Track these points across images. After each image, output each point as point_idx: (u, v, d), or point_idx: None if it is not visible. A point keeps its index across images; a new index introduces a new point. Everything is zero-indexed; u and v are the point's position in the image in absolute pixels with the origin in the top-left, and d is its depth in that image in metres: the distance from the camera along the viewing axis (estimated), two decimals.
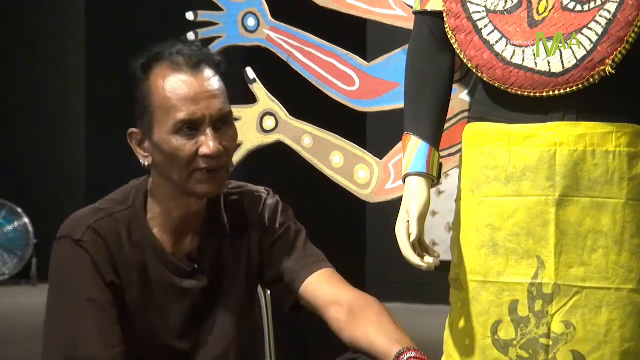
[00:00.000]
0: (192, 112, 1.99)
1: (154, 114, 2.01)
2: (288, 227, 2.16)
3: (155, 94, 2.01)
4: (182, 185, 2.03)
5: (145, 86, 2.02)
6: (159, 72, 2.02)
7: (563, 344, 2.11)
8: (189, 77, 2.00)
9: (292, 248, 2.15)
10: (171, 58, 2.02)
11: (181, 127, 1.99)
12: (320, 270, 2.12)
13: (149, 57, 2.04)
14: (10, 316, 7.14)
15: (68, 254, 2.03)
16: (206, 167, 2.00)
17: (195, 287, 2.10)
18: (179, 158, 2.00)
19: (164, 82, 2.00)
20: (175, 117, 1.99)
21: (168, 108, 1.99)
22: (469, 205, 2.21)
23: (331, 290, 2.09)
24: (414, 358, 1.91)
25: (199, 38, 2.70)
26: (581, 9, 2.08)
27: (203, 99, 2.00)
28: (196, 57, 2.02)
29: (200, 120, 1.99)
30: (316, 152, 2.65)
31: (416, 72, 2.26)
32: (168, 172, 2.03)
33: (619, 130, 2.11)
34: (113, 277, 2.03)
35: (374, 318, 2.02)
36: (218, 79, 2.04)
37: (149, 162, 2.05)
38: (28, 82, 9.01)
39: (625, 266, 2.11)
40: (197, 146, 2.00)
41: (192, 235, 2.11)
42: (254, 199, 2.18)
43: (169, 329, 2.07)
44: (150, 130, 2.02)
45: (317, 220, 3.87)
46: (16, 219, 8.84)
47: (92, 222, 2.04)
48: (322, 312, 2.08)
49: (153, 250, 2.07)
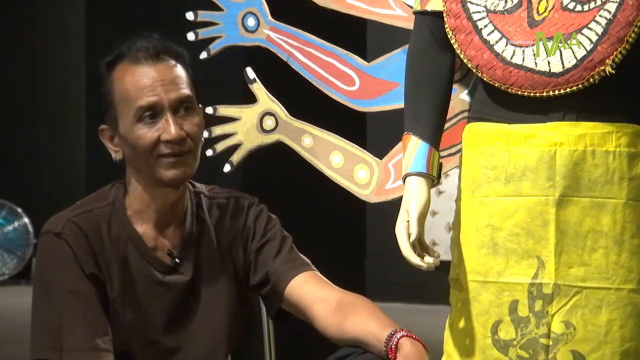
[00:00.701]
0: (149, 99, 2.05)
1: (117, 107, 2.07)
2: (275, 233, 2.19)
3: (116, 88, 2.08)
4: (151, 174, 2.07)
5: (109, 82, 2.09)
6: (120, 67, 2.09)
7: (563, 344, 2.11)
8: (147, 68, 2.07)
9: (277, 253, 2.16)
10: (131, 54, 2.09)
11: (141, 115, 2.05)
12: (305, 272, 2.13)
13: (112, 56, 2.11)
14: (10, 316, 7.14)
15: (48, 248, 2.06)
16: (169, 152, 2.05)
17: (177, 281, 2.11)
18: (142, 146, 2.05)
19: (124, 75, 2.07)
20: (135, 105, 2.05)
21: (128, 99, 2.06)
22: (469, 205, 2.21)
23: (317, 290, 2.10)
24: (407, 336, 1.93)
25: (199, 38, 2.70)
26: (581, 9, 2.08)
27: (160, 86, 2.06)
28: (154, 49, 2.09)
29: (159, 106, 2.05)
30: (316, 152, 2.65)
31: (416, 72, 2.26)
32: (137, 164, 2.08)
33: (619, 130, 2.11)
34: (94, 269, 2.05)
35: (364, 309, 2.04)
36: (180, 68, 2.10)
37: (120, 157, 2.11)
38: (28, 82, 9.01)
39: (625, 266, 2.11)
40: (158, 133, 2.05)
41: (173, 230, 2.13)
42: (239, 204, 2.21)
43: (153, 325, 2.08)
44: (116, 124, 2.08)
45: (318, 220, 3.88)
46: (16, 219, 8.85)
47: (71, 216, 2.08)
48: (308, 310, 2.09)
49: (134, 246, 2.09)
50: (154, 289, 2.09)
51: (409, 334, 1.94)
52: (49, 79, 8.92)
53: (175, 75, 2.08)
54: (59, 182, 8.78)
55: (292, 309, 2.13)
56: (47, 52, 8.94)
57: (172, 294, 2.10)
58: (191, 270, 2.12)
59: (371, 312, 2.02)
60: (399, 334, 1.94)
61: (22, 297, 8.08)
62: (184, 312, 2.11)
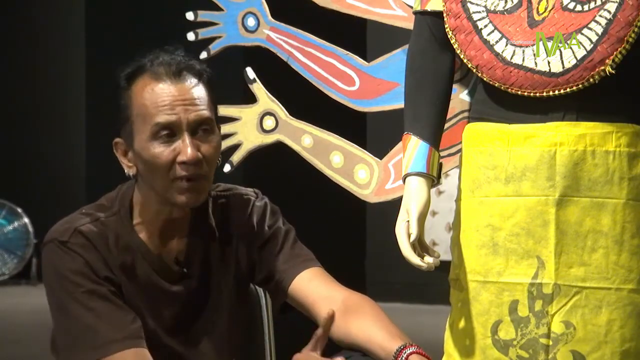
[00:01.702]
0: (168, 117, 1.99)
1: (134, 122, 2.02)
2: (277, 229, 2.16)
3: (134, 103, 2.02)
4: (163, 195, 2.02)
5: (127, 96, 2.03)
6: (140, 82, 2.03)
7: (563, 344, 2.11)
8: (167, 86, 2.01)
9: (281, 248, 2.14)
10: (152, 68, 2.03)
11: (158, 132, 1.99)
12: (309, 268, 2.12)
13: (132, 68, 2.05)
14: (10, 316, 7.14)
15: (56, 256, 2.02)
16: (185, 176, 1.99)
17: (184, 291, 2.09)
18: (158, 165, 2.00)
19: (144, 91, 2.01)
20: (152, 122, 1.99)
21: (145, 115, 2.00)
22: (469, 205, 2.21)
23: (323, 288, 2.09)
24: (417, 353, 1.91)
25: (199, 38, 2.70)
26: (581, 9, 2.08)
27: (179, 105, 2.00)
28: (177, 66, 2.03)
29: (177, 125, 1.99)
30: (316, 152, 2.65)
31: (416, 72, 2.26)
32: (150, 181, 2.03)
33: (619, 130, 2.11)
34: (107, 273, 2.02)
35: (370, 313, 2.02)
36: (201, 88, 2.04)
37: (133, 172, 2.05)
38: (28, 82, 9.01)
39: (625, 266, 2.11)
40: (174, 153, 1.99)
41: (179, 238, 2.10)
42: (242, 201, 2.18)
43: (160, 330, 2.06)
44: (132, 139, 2.03)
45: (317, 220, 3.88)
46: (16, 219, 8.85)
47: (78, 226, 2.04)
48: (312, 309, 2.08)
49: (141, 255, 2.06)
50: (162, 297, 2.08)
51: (419, 350, 1.92)
52: (49, 79, 8.92)
53: (196, 95, 2.02)
54: (59, 182, 8.77)
55: (296, 305, 2.13)
56: (47, 52, 8.94)
57: (179, 302, 2.09)
58: (198, 277, 2.11)
59: (377, 318, 2.00)
60: (408, 349, 1.91)
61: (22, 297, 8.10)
62: (190, 317, 2.10)
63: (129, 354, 1.96)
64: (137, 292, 2.05)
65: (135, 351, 1.97)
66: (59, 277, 2.01)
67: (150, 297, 2.06)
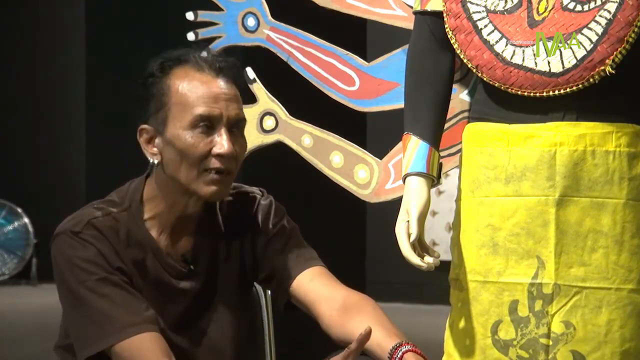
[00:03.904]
0: (211, 109, 2.01)
1: (171, 109, 2.02)
2: (282, 227, 2.17)
3: (174, 91, 2.03)
4: (188, 185, 2.03)
5: (164, 83, 2.04)
6: (181, 71, 2.05)
7: (563, 344, 2.11)
8: (210, 79, 2.04)
9: (284, 247, 2.15)
10: (195, 60, 2.06)
11: (198, 123, 2.01)
12: (312, 267, 2.13)
13: (171, 58, 2.07)
14: (10, 316, 7.13)
15: (68, 246, 2.03)
16: (217, 168, 2.01)
17: (191, 287, 2.10)
18: (192, 154, 2.01)
19: (185, 80, 2.03)
20: (193, 112, 2.01)
21: (186, 104, 2.02)
22: (469, 205, 2.21)
23: (324, 287, 2.09)
24: (412, 351, 1.92)
25: (199, 38, 2.70)
26: (581, 9, 2.08)
27: (222, 100, 2.03)
28: (219, 63, 2.06)
29: (218, 118, 2.02)
30: (316, 152, 2.65)
31: (416, 72, 2.26)
32: (176, 170, 2.04)
33: (619, 130, 2.11)
34: (120, 264, 2.03)
35: (369, 312, 2.03)
36: (236, 88, 2.07)
37: (158, 160, 2.06)
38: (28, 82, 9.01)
39: (625, 266, 2.11)
40: (211, 145, 2.02)
41: (187, 236, 2.11)
42: (248, 199, 2.19)
43: (165, 326, 2.07)
44: (164, 126, 2.03)
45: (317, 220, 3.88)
46: (16, 219, 8.84)
47: (91, 218, 2.05)
48: (313, 308, 2.08)
49: (151, 251, 2.07)
50: (169, 293, 2.09)
51: (415, 349, 1.93)
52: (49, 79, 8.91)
53: (235, 93, 2.06)
54: (59, 182, 8.77)
55: (298, 303, 2.13)
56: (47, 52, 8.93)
57: (186, 298, 2.10)
58: (204, 275, 2.12)
59: (376, 317, 2.01)
60: (404, 347, 1.92)
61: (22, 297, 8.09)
62: (195, 314, 2.11)
63: (147, 337, 1.97)
64: (145, 287, 2.06)
65: (153, 335, 1.98)
66: (71, 265, 2.02)
67: (157, 293, 2.07)
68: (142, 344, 1.96)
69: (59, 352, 2.12)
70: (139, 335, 1.96)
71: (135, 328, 1.97)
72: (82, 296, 2.00)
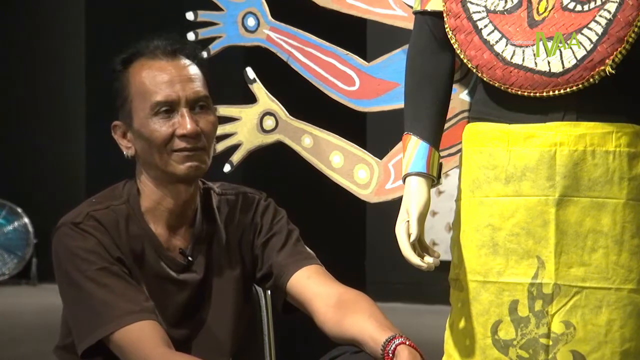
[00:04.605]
0: (167, 94, 2.06)
1: (133, 102, 2.08)
2: (281, 227, 2.19)
3: (132, 83, 2.09)
4: (164, 169, 2.07)
5: (124, 77, 2.10)
6: (137, 63, 2.10)
7: (563, 344, 2.11)
8: (164, 64, 2.09)
9: (282, 246, 2.17)
10: (148, 50, 2.11)
11: (158, 109, 2.06)
12: (308, 266, 2.14)
13: (129, 53, 2.12)
14: (10, 316, 7.14)
15: (69, 237, 2.05)
16: (184, 147, 2.05)
17: (190, 280, 2.12)
18: (157, 140, 2.05)
19: (141, 70, 2.09)
20: (151, 99, 2.06)
21: (144, 93, 2.07)
22: (469, 205, 2.21)
23: (320, 285, 2.11)
24: (405, 344, 1.92)
25: (199, 38, 2.70)
26: (581, 9, 2.08)
27: (178, 82, 2.07)
28: (172, 46, 2.11)
29: (175, 101, 2.06)
30: (316, 152, 2.65)
31: (416, 72, 2.26)
32: (149, 159, 2.08)
33: (619, 130, 2.11)
34: (119, 255, 2.05)
35: (364, 308, 2.04)
36: (195, 67, 2.11)
37: (132, 153, 2.11)
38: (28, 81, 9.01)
39: (625, 266, 2.11)
40: (173, 128, 2.06)
41: (184, 228, 2.14)
42: (248, 199, 2.22)
43: (165, 319, 2.08)
44: (131, 119, 2.09)
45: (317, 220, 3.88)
46: (16, 219, 8.85)
47: (90, 210, 2.08)
48: (309, 305, 2.09)
49: (150, 244, 2.10)
50: (168, 286, 2.10)
51: (408, 341, 1.93)
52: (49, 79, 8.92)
53: (192, 73, 2.09)
54: (59, 182, 8.78)
55: (294, 302, 2.14)
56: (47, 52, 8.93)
57: (184, 291, 2.12)
58: (203, 268, 2.14)
59: (371, 312, 2.02)
60: (397, 340, 1.93)
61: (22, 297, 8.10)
62: (194, 307, 2.13)
63: (147, 325, 1.98)
64: (144, 279, 2.08)
65: (152, 323, 1.99)
66: (71, 256, 2.03)
67: (157, 285, 2.09)
68: (142, 331, 1.97)
69: (59, 354, 2.13)
70: (138, 322, 1.98)
71: (134, 316, 1.98)
72: (82, 285, 2.01)
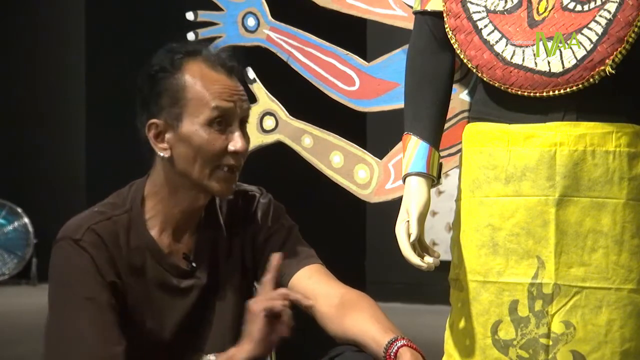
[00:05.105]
0: (229, 107, 2.04)
1: (186, 105, 2.03)
2: (280, 225, 2.19)
3: (190, 86, 2.04)
4: (200, 181, 2.05)
5: (178, 78, 2.05)
6: (195, 66, 2.06)
7: (563, 344, 2.11)
8: (224, 77, 2.06)
9: (282, 245, 2.16)
10: (207, 56, 2.07)
11: (214, 120, 2.03)
12: (309, 265, 2.14)
13: (182, 52, 2.07)
14: (10, 316, 7.13)
15: (67, 254, 2.03)
16: (231, 165, 2.05)
17: (193, 286, 2.11)
18: (209, 151, 2.03)
19: (201, 76, 2.05)
20: (210, 106, 2.03)
21: (203, 100, 2.03)
22: (469, 205, 2.21)
23: (321, 284, 2.11)
24: (407, 346, 1.92)
25: (199, 38, 2.70)
26: (581, 9, 2.08)
27: (236, 98, 2.06)
28: (230, 62, 2.09)
29: (232, 115, 2.05)
30: (316, 152, 2.65)
31: (416, 72, 2.26)
32: (189, 166, 2.05)
33: (619, 130, 2.11)
34: (114, 278, 2.03)
35: (366, 308, 2.04)
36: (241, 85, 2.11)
37: (167, 155, 2.06)
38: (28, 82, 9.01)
39: (625, 266, 2.11)
40: (226, 142, 2.04)
41: (188, 234, 2.12)
42: (248, 198, 2.21)
43: (168, 327, 2.08)
44: (179, 121, 2.04)
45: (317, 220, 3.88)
46: (16, 219, 8.84)
47: (91, 224, 2.05)
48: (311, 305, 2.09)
49: (151, 253, 2.08)
50: (171, 295, 2.09)
51: (410, 343, 1.94)
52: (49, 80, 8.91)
53: (242, 91, 2.09)
54: (59, 182, 8.77)
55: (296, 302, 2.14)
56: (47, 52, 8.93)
57: (188, 299, 2.11)
58: (206, 274, 2.13)
59: (373, 313, 2.02)
60: (400, 342, 1.93)
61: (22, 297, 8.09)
62: (198, 314, 2.12)
63: None
64: (146, 291, 2.07)
65: None
66: (64, 276, 2.03)
67: (160, 294, 2.08)
68: None
69: None
70: None
71: None
72: (63, 311, 2.01)
